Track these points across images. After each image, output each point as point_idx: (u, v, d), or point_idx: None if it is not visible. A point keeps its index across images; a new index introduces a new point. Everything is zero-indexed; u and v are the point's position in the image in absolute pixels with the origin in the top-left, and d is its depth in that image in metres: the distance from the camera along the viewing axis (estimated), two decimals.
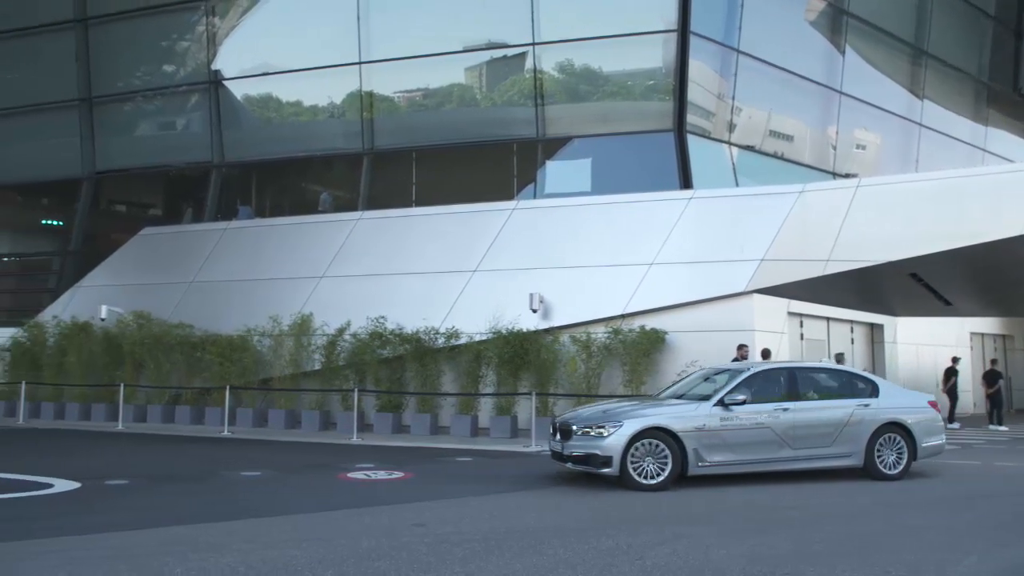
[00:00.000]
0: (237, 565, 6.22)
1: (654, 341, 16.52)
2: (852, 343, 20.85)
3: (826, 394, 11.29)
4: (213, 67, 23.82)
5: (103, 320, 21.06)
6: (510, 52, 21.06)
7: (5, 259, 28.91)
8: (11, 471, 11.02)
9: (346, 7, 21.32)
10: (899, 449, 10.94)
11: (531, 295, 17.33)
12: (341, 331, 18.56)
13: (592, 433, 10.23)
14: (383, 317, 18.15)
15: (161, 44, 24.97)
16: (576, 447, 10.31)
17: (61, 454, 13.63)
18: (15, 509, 8.80)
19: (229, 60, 23.89)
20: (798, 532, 7.88)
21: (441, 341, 17.81)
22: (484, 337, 17.42)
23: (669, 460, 10.01)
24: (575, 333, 17.12)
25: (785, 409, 10.65)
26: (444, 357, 18.13)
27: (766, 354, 15.57)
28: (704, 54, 19.45)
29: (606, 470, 10.05)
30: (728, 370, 11.55)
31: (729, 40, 19.78)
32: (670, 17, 18.87)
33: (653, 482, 9.97)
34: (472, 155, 21.14)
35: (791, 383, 11.09)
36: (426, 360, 17.94)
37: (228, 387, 18.24)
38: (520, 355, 17.07)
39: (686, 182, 18.39)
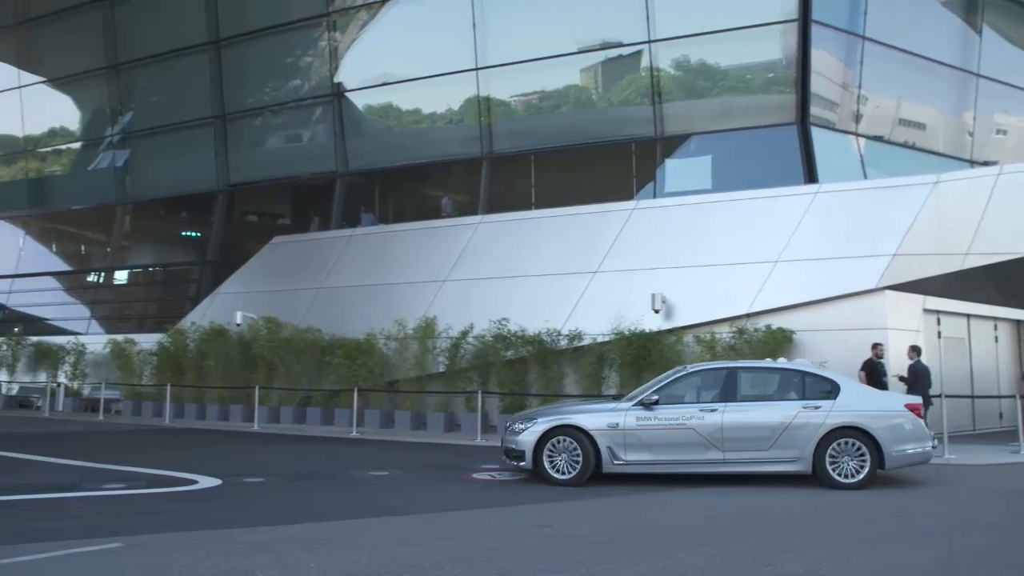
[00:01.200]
0: (368, 562, 6.39)
1: (781, 341, 16.05)
2: (996, 341, 19.69)
3: (770, 395, 10.86)
4: (336, 80, 24.61)
5: (238, 325, 22.04)
6: (625, 51, 20.92)
7: (150, 269, 30.68)
8: (160, 467, 11.69)
9: (461, 15, 21.66)
10: (860, 456, 10.08)
11: (653, 295, 17.15)
12: (464, 333, 18.84)
13: (516, 429, 10.86)
14: (505, 319, 18.32)
15: (286, 61, 25.97)
16: (505, 441, 11.06)
17: (203, 452, 14.33)
18: (165, 503, 9.36)
19: (350, 72, 24.64)
20: (937, 540, 7.51)
21: (564, 342, 17.85)
22: (606, 338, 17.35)
23: (581, 457, 10.29)
24: (699, 333, 16.84)
25: (713, 410, 10.39)
26: (567, 358, 18.17)
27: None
28: (827, 42, 18.80)
29: (521, 463, 10.67)
30: (683, 369, 11.41)
31: (853, 27, 19.03)
32: (789, 6, 18.32)
33: (565, 477, 10.38)
34: (590, 156, 21.09)
35: (730, 383, 10.72)
36: (548, 362, 18.02)
37: (356, 389, 18.77)
38: (643, 356, 16.91)
39: (811, 176, 17.81)
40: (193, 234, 29.74)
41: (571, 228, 19.43)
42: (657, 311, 17.19)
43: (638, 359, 16.93)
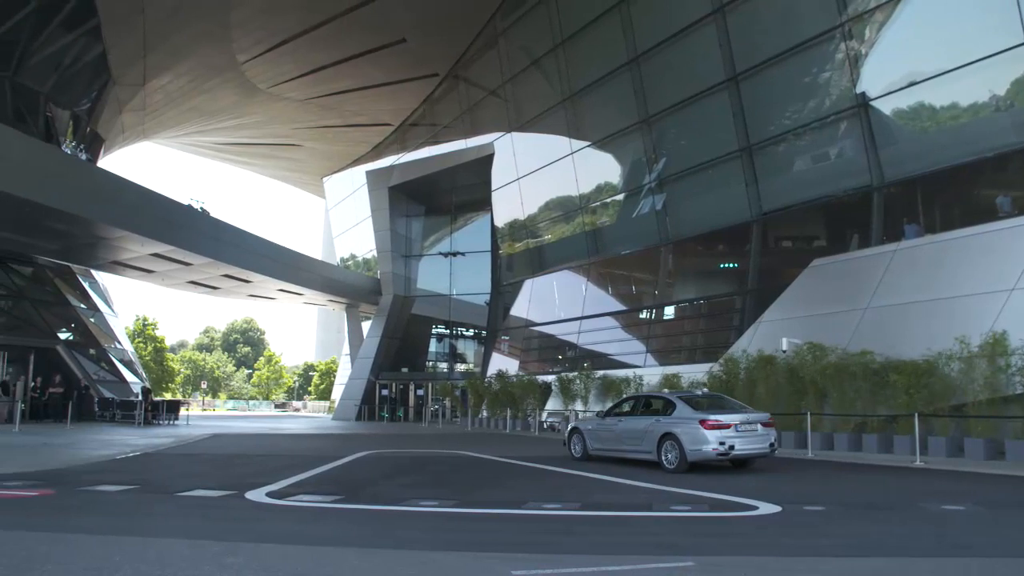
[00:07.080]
0: None
1: None
2: None
3: (645, 412, 16.96)
4: (858, 90, 23.59)
5: (784, 352, 22.08)
6: None
7: (695, 303, 32.39)
8: (720, 492, 12.16)
9: None
10: (676, 451, 15.22)
11: None
12: None
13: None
14: None
15: (804, 81, 25.63)
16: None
17: (760, 478, 14.47)
18: (728, 526, 9.72)
19: (873, 79, 23.40)
20: None
21: None
22: None
23: (581, 444, 17.95)
24: None
25: (620, 420, 17.15)
26: None
27: None
28: None
29: (565, 446, 18.67)
30: (624, 396, 20.42)
31: None
32: None
33: (578, 455, 18.01)
34: None
35: (635, 404, 17.83)
36: None
37: (916, 414, 17.47)
38: None
39: None
40: (731, 265, 30.71)
41: None
42: None
43: None
